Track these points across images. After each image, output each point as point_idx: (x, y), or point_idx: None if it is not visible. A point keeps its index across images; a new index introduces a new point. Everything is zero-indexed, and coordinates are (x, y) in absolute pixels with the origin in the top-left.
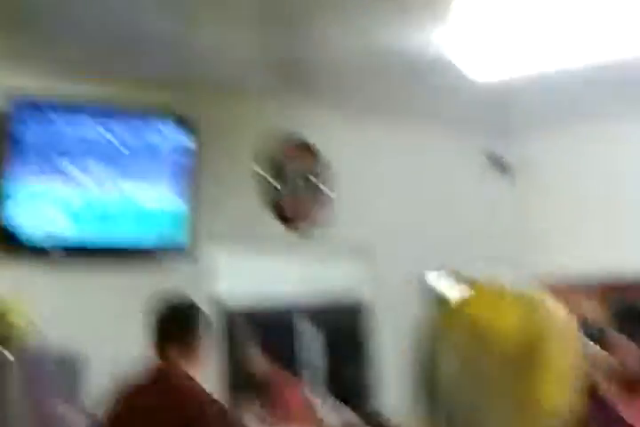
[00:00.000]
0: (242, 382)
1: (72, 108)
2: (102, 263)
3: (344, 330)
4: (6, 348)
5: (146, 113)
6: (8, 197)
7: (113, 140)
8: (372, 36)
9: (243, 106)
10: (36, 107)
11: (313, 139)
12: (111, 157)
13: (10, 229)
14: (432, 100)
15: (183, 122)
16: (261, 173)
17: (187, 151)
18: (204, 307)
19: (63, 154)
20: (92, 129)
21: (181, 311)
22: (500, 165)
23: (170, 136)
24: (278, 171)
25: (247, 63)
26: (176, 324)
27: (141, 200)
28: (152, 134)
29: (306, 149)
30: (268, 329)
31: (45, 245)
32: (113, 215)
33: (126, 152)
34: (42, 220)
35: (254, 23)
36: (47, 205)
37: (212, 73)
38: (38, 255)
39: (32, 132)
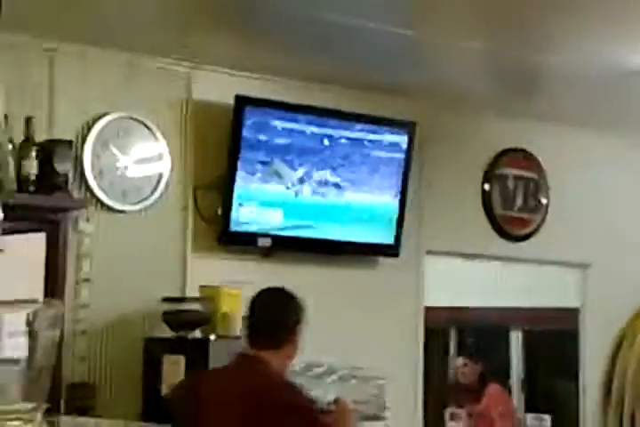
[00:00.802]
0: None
1: (296, 111)
2: (314, 258)
3: (556, 342)
4: (212, 333)
5: (367, 119)
6: (230, 194)
7: (331, 142)
8: (602, 52)
9: (467, 117)
10: (262, 109)
11: (535, 151)
12: (329, 160)
13: (228, 225)
14: None
15: (405, 129)
16: (483, 185)
17: (406, 157)
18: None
19: (284, 155)
20: (313, 132)
21: (275, 302)
22: None
23: (391, 143)
24: (499, 182)
25: (475, 72)
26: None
27: (357, 202)
28: (372, 140)
29: (528, 161)
30: (479, 338)
31: (261, 240)
32: (329, 214)
33: (345, 156)
34: (260, 217)
35: (485, 31)
36: (266, 204)
37: (438, 81)
38: (254, 250)
39: (256, 134)
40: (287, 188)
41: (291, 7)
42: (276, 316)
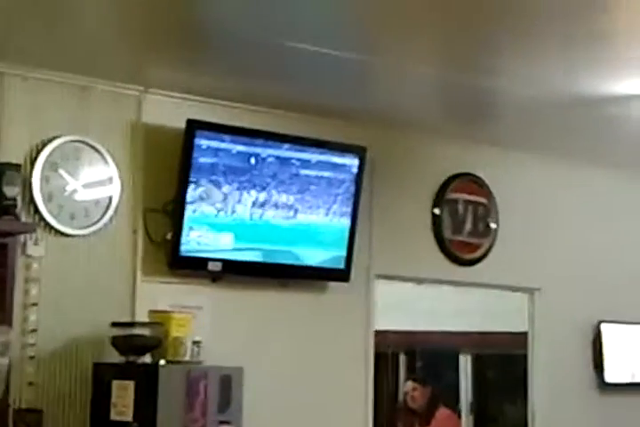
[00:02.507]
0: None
1: (247, 135)
2: (264, 282)
3: (505, 365)
4: (162, 358)
5: (319, 143)
6: (180, 218)
7: (284, 167)
8: (551, 78)
9: (418, 142)
10: (211, 132)
11: (484, 175)
12: (281, 185)
13: (178, 249)
14: (609, 144)
15: (356, 154)
16: (433, 209)
17: (356, 182)
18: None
19: (233, 178)
20: (264, 154)
21: None
22: None
23: (341, 167)
24: (449, 207)
25: (426, 100)
26: None
27: (307, 226)
28: (323, 164)
29: (477, 186)
30: (429, 362)
31: (211, 264)
32: (280, 237)
33: (297, 181)
34: (208, 240)
35: (435, 56)
36: (216, 227)
37: (388, 106)
38: (204, 274)
39: (206, 157)
40: (237, 212)
41: (242, 32)
42: None
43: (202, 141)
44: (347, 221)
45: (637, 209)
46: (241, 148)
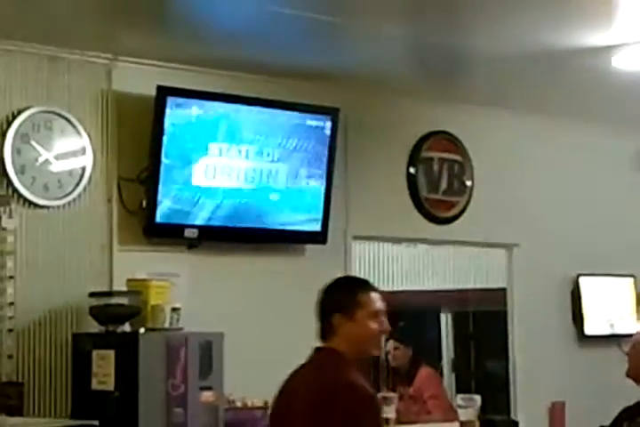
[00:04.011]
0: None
1: (219, 100)
2: (241, 247)
3: (485, 322)
4: (141, 326)
5: (291, 105)
6: (154, 186)
7: (256, 129)
8: (521, 33)
9: (391, 101)
10: (180, 97)
11: (458, 133)
12: (254, 148)
13: (154, 217)
14: (583, 98)
15: (329, 115)
16: (408, 168)
17: (330, 143)
18: None
19: (206, 141)
20: (236, 119)
21: (339, 290)
22: None
23: (314, 129)
24: (424, 165)
25: (398, 59)
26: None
27: (281, 187)
28: (296, 126)
29: (452, 144)
30: (409, 322)
31: (187, 231)
32: (256, 201)
33: (271, 140)
34: (185, 206)
35: (405, 15)
36: (190, 191)
37: (360, 67)
38: (181, 241)
39: (176, 121)
40: (211, 177)
41: None
42: (322, 303)
43: (173, 108)
44: (321, 184)
45: (612, 162)
46: (213, 111)
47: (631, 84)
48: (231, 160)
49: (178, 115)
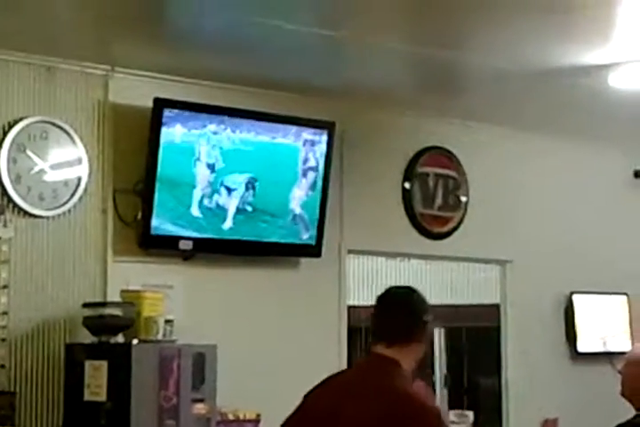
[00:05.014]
0: None
1: (216, 113)
2: (235, 260)
3: (478, 338)
4: (134, 337)
5: (287, 119)
6: (150, 198)
7: (252, 144)
8: (519, 50)
9: (387, 116)
10: (178, 110)
11: (454, 149)
12: (249, 162)
13: (149, 228)
14: (579, 116)
15: (325, 129)
16: (404, 183)
17: (326, 157)
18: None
19: (198, 156)
20: (231, 135)
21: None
22: None
23: (310, 143)
24: (419, 181)
25: (395, 73)
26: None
27: (275, 201)
28: (293, 140)
29: (447, 159)
30: None
31: (182, 242)
32: (250, 213)
33: (266, 154)
34: (179, 218)
35: (403, 30)
36: (185, 203)
37: (357, 81)
38: (175, 253)
39: (172, 136)
40: (207, 190)
41: (208, 9)
42: (409, 311)
43: (169, 120)
44: (317, 197)
45: (607, 180)
46: (210, 127)
47: (627, 103)
48: (226, 173)
49: (173, 126)
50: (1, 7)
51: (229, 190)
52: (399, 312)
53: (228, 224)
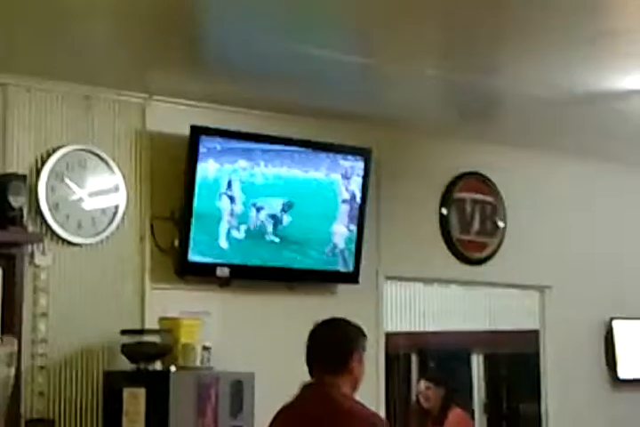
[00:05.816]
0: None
1: (252, 140)
2: (273, 286)
3: (517, 364)
4: (172, 364)
5: (324, 146)
6: (187, 226)
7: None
8: (553, 76)
9: (423, 142)
10: (217, 139)
11: (491, 174)
12: (288, 186)
13: (186, 256)
14: (615, 139)
15: (362, 155)
16: (441, 209)
17: (362, 184)
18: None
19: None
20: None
21: (336, 332)
22: None
23: (349, 168)
24: (456, 206)
25: (431, 100)
26: (329, 344)
27: (316, 226)
28: (331, 165)
29: (485, 185)
30: (441, 362)
31: (219, 269)
32: (289, 240)
33: (304, 181)
34: (217, 245)
35: (439, 58)
36: (220, 231)
37: (394, 108)
38: (212, 279)
39: (209, 166)
40: (245, 217)
41: (245, 37)
42: (336, 342)
43: (206, 148)
44: (354, 223)
45: None
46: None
47: None
48: (264, 200)
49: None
50: (39, 37)
51: (267, 217)
52: (326, 346)
53: (265, 250)
